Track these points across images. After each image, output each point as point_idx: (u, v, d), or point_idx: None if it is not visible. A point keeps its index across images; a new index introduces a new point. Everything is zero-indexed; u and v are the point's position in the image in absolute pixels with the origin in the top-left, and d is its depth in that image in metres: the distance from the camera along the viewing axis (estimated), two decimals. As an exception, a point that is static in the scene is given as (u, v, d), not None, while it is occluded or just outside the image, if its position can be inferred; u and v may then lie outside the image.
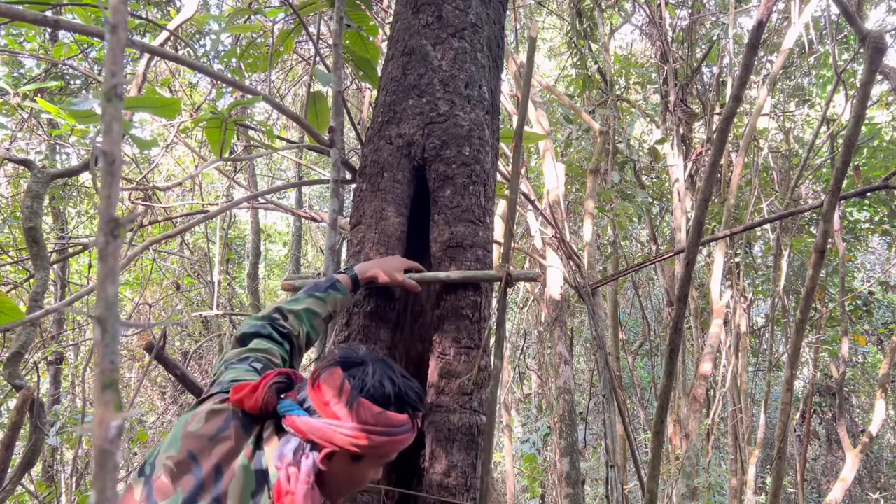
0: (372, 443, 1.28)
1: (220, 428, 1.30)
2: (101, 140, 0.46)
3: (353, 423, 1.27)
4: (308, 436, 1.28)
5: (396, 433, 1.31)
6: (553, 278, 4.82)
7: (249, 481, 1.25)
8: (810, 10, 5.31)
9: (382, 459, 1.35)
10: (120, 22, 0.48)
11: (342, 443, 1.27)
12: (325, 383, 1.31)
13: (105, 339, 0.44)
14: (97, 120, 2.01)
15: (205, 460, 1.25)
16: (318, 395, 1.31)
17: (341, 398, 1.29)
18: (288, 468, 1.26)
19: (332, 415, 1.29)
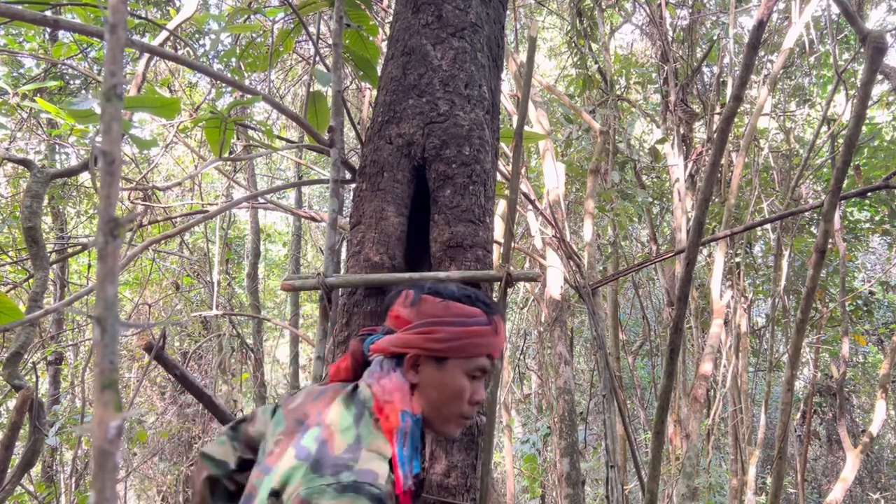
0: (445, 335, 1.25)
1: (322, 391, 1.33)
2: (100, 140, 0.46)
3: (424, 319, 1.26)
4: (388, 350, 1.27)
5: (469, 323, 1.27)
6: (553, 278, 4.82)
7: (350, 408, 1.25)
8: (811, 9, 5.30)
9: (471, 361, 1.28)
10: (119, 22, 0.48)
11: (417, 342, 1.25)
12: (395, 304, 1.32)
13: (104, 339, 0.44)
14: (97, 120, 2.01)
15: (311, 418, 1.26)
16: (389, 314, 1.32)
17: (406, 304, 1.29)
18: (380, 381, 1.26)
19: (403, 322, 1.28)
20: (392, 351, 1.27)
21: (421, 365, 1.27)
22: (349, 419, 1.22)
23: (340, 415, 1.23)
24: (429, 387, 1.27)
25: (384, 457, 1.17)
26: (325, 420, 1.23)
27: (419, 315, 1.27)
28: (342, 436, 1.19)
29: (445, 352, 1.25)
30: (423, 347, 1.25)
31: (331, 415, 1.24)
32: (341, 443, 1.17)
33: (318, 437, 1.19)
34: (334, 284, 2.04)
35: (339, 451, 1.16)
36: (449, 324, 1.26)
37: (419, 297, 1.29)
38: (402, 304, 1.31)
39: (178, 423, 8.47)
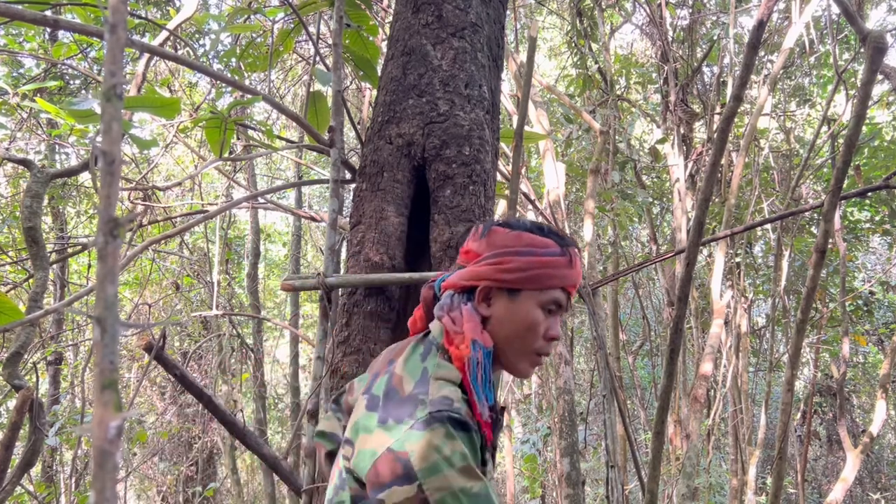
0: (516, 264, 1.20)
1: (398, 344, 1.35)
2: (100, 140, 0.46)
3: (494, 250, 1.23)
4: (458, 284, 1.25)
5: (541, 253, 1.22)
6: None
7: (418, 349, 1.24)
8: (811, 9, 5.30)
9: (545, 293, 1.23)
10: (119, 21, 0.48)
11: (487, 273, 1.21)
12: (466, 241, 1.31)
13: (104, 339, 0.44)
14: (97, 120, 2.01)
15: (382, 368, 1.27)
16: (461, 252, 1.30)
17: (476, 237, 1.27)
18: (450, 313, 1.23)
19: (473, 255, 1.26)
20: (462, 285, 1.24)
21: (493, 297, 1.23)
22: (416, 358, 1.21)
23: (408, 356, 1.23)
24: (501, 320, 1.23)
25: (453, 382, 1.15)
26: (394, 366, 1.22)
27: (489, 246, 1.23)
28: (409, 374, 1.18)
29: (517, 282, 1.21)
30: (494, 279, 1.21)
31: (399, 359, 1.23)
32: (409, 380, 1.17)
33: (387, 383, 1.19)
34: (334, 284, 2.04)
35: (409, 390, 1.15)
36: (520, 253, 1.21)
37: (489, 228, 1.26)
38: (472, 238, 1.28)
39: (178, 423, 8.47)
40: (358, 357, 1.96)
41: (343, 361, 1.98)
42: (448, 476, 1.03)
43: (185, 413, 8.49)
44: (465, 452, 1.05)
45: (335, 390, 1.98)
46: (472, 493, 1.03)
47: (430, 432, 1.05)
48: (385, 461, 1.06)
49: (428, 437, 1.05)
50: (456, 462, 1.04)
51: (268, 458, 2.32)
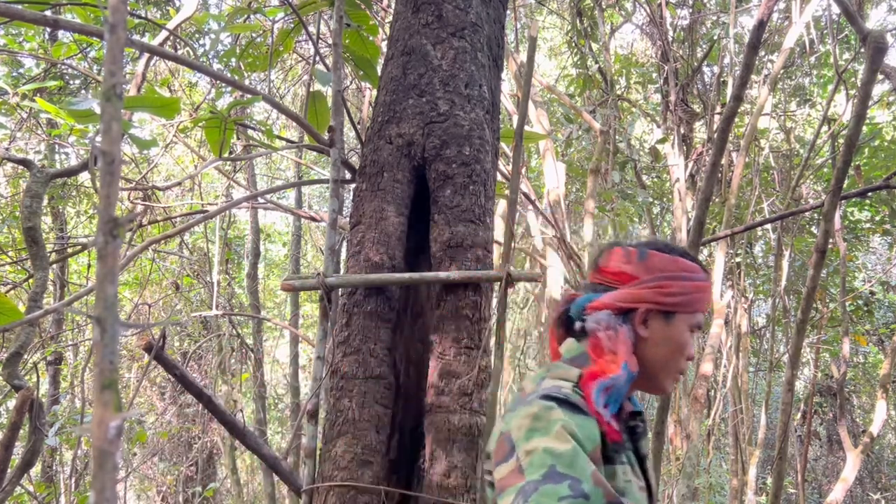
0: (676, 289, 1.26)
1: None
2: (100, 140, 0.46)
3: (654, 274, 1.27)
4: (616, 305, 1.27)
5: (695, 278, 1.29)
6: (553, 278, 4.82)
7: (544, 368, 1.29)
8: (811, 9, 5.30)
9: (694, 316, 1.29)
10: (119, 21, 0.48)
11: (649, 296, 1.25)
12: (609, 260, 1.32)
13: (104, 339, 0.44)
14: (96, 119, 2.01)
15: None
16: (608, 273, 1.32)
17: (632, 259, 1.30)
18: (606, 330, 1.25)
19: (628, 278, 1.29)
20: (621, 307, 1.26)
21: (649, 320, 1.27)
22: (542, 371, 1.27)
23: (535, 374, 1.28)
24: (657, 341, 1.27)
25: (566, 379, 1.20)
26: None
27: (648, 270, 1.27)
28: (532, 381, 1.24)
29: (675, 306, 1.26)
30: (656, 301, 1.25)
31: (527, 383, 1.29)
32: (530, 386, 1.23)
33: (514, 400, 1.23)
34: (334, 284, 2.04)
35: (528, 390, 1.21)
36: (678, 278, 1.27)
37: (647, 252, 1.29)
38: (624, 260, 1.30)
39: (177, 423, 8.47)
40: (358, 357, 1.96)
41: (343, 361, 1.98)
42: (537, 440, 1.06)
43: (184, 413, 8.49)
44: (564, 421, 1.08)
45: (335, 390, 1.98)
46: (556, 452, 1.04)
47: (532, 407, 1.10)
48: (498, 445, 1.12)
49: (526, 410, 1.10)
50: (550, 429, 1.07)
51: (268, 459, 2.32)
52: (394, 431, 2.07)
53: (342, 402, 1.93)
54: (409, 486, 2.02)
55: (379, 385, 1.95)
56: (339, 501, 1.83)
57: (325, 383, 2.03)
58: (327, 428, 1.96)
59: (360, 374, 1.94)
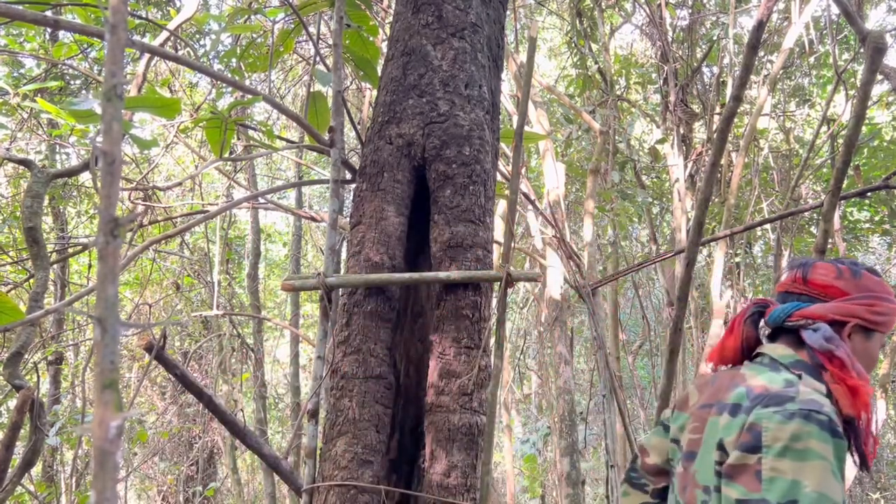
0: (884, 308, 1.36)
1: (714, 377, 1.45)
2: (101, 140, 0.46)
3: (865, 292, 1.36)
4: (829, 316, 1.35)
5: (894, 301, 1.39)
6: (553, 278, 4.82)
7: (761, 369, 1.35)
8: (810, 9, 5.30)
9: (883, 337, 1.40)
10: (120, 22, 0.48)
11: (860, 312, 1.34)
12: (818, 275, 1.40)
13: (105, 339, 0.44)
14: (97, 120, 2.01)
15: (723, 391, 1.37)
16: (815, 285, 1.40)
17: (844, 276, 1.38)
18: (831, 341, 1.32)
19: (840, 293, 1.37)
20: (833, 318, 1.34)
21: (853, 334, 1.36)
22: (769, 373, 1.33)
23: (755, 374, 1.34)
24: (857, 356, 1.35)
25: (821, 393, 1.27)
26: (748, 382, 1.32)
27: (860, 288, 1.36)
28: (773, 383, 1.29)
29: (878, 324, 1.36)
30: (865, 318, 1.34)
31: (752, 378, 1.33)
32: (775, 386, 1.27)
33: (747, 391, 1.29)
34: (334, 284, 2.04)
35: (777, 389, 1.25)
36: (885, 299, 1.37)
37: (861, 272, 1.38)
38: (835, 276, 1.38)
39: (178, 422, 8.47)
40: (358, 357, 1.97)
41: (343, 361, 1.98)
42: (789, 463, 1.12)
43: (185, 413, 8.49)
44: (823, 458, 1.12)
45: (335, 390, 1.98)
46: (803, 491, 1.09)
47: (793, 423, 1.15)
48: (743, 432, 1.20)
49: (789, 425, 1.15)
50: (806, 458, 1.12)
51: (268, 458, 2.32)
52: (394, 431, 2.07)
53: (342, 401, 1.93)
54: (409, 486, 2.02)
55: (379, 385, 1.96)
56: (339, 501, 1.83)
57: (325, 383, 2.03)
58: (327, 427, 1.96)
59: (361, 374, 1.94)
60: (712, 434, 1.30)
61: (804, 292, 1.40)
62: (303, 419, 2.13)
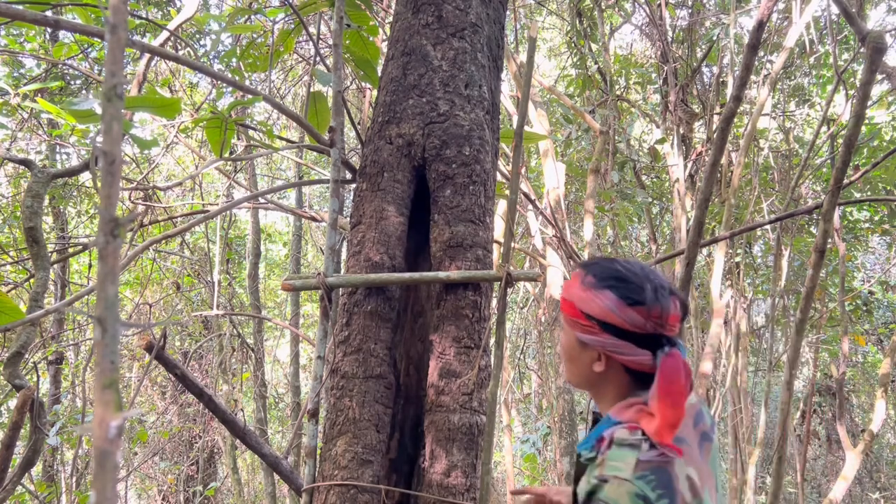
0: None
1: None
2: (101, 140, 0.47)
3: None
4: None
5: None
6: (553, 278, 4.82)
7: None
8: (811, 9, 5.30)
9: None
10: (120, 22, 0.49)
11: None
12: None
13: (105, 339, 0.44)
14: (97, 120, 2.01)
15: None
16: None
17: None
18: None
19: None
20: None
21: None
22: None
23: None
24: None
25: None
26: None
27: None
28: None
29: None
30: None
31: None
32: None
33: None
34: (335, 284, 2.04)
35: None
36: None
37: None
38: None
39: (178, 422, 8.47)
40: (358, 356, 1.97)
41: (343, 361, 1.98)
42: None
43: (185, 412, 8.49)
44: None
45: (336, 389, 1.98)
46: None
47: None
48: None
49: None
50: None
51: (268, 458, 2.33)
52: (394, 431, 2.07)
53: (342, 401, 1.94)
54: (410, 486, 2.02)
55: (379, 384, 1.96)
56: (339, 500, 1.83)
57: (325, 383, 2.03)
58: (328, 427, 1.96)
59: (361, 374, 1.94)
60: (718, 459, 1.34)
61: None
62: (303, 419, 2.13)
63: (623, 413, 1.29)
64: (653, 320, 1.28)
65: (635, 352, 1.30)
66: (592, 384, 1.38)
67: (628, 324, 1.29)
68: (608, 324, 1.30)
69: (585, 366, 1.37)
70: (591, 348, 1.34)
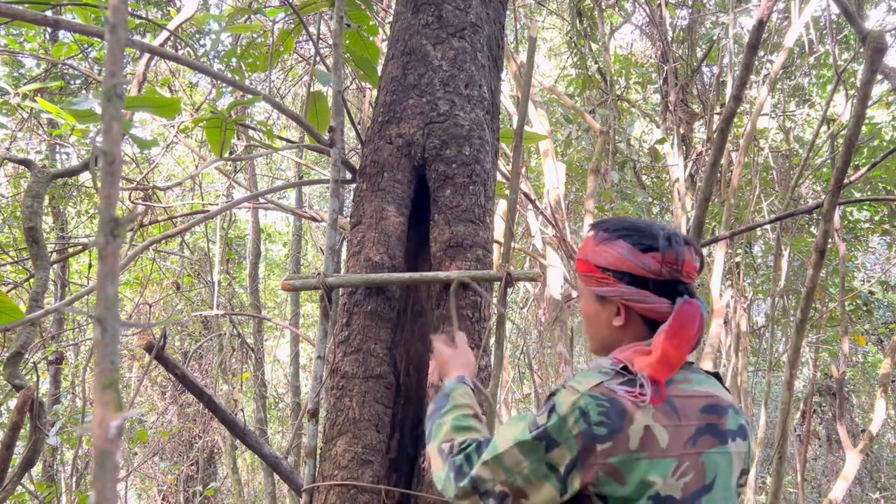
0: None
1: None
2: (101, 140, 0.46)
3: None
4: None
5: None
6: (553, 278, 4.82)
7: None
8: (810, 9, 5.30)
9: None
10: (120, 22, 0.48)
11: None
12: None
13: (105, 339, 0.44)
14: (97, 120, 2.01)
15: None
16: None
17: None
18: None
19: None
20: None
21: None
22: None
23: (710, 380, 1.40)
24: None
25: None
26: (724, 399, 1.39)
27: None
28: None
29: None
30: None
31: (720, 391, 1.37)
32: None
33: (735, 408, 1.35)
34: (335, 284, 2.04)
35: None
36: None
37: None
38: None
39: (178, 422, 8.47)
40: (358, 356, 1.97)
41: (343, 361, 1.98)
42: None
43: (185, 412, 8.49)
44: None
45: (336, 389, 1.98)
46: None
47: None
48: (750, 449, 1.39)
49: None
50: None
51: (268, 458, 2.33)
52: (394, 431, 2.07)
53: (342, 401, 1.93)
54: (410, 486, 2.02)
55: (379, 384, 1.96)
56: (339, 500, 1.83)
57: (325, 383, 2.03)
58: (328, 427, 1.96)
59: (361, 374, 1.94)
60: (733, 468, 1.26)
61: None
62: (303, 419, 2.13)
63: (621, 353, 1.26)
64: (668, 266, 1.25)
65: (653, 300, 1.26)
66: (614, 344, 1.33)
67: (643, 269, 1.26)
68: (623, 272, 1.27)
69: (606, 323, 1.32)
70: (610, 301, 1.31)
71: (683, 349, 1.22)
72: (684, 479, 1.18)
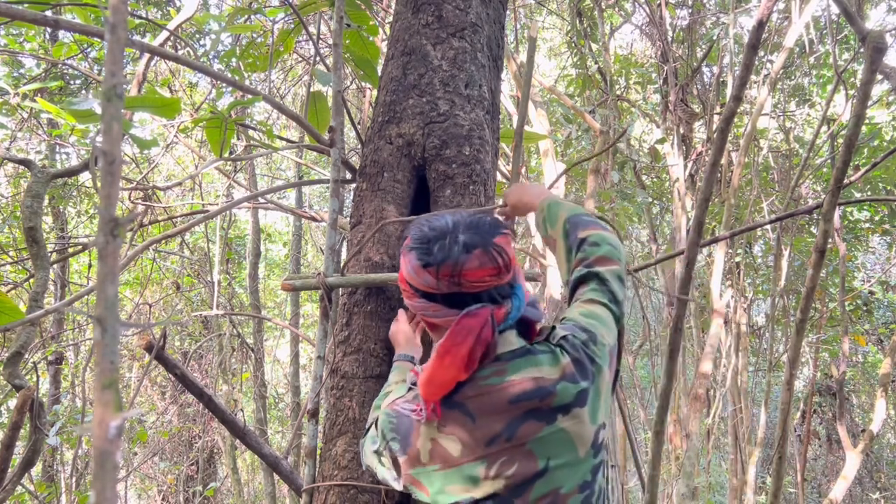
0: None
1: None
2: (100, 140, 0.46)
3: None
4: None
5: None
6: (553, 278, 4.82)
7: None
8: (811, 9, 5.30)
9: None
10: (120, 22, 0.48)
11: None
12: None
13: (105, 339, 0.44)
14: (97, 119, 2.01)
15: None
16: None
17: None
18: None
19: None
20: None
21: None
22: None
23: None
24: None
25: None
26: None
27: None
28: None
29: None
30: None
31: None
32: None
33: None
34: (334, 284, 2.04)
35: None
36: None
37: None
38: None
39: (178, 422, 8.47)
40: (358, 356, 1.97)
41: (343, 361, 1.98)
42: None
43: (185, 412, 8.49)
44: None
45: (336, 389, 1.98)
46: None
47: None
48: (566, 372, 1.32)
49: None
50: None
51: (268, 458, 2.33)
52: (394, 431, 2.07)
53: (342, 401, 1.94)
54: (409, 486, 2.02)
55: (379, 384, 1.95)
56: (339, 501, 1.83)
57: (325, 383, 2.03)
58: (328, 427, 1.96)
59: (361, 374, 1.94)
60: (574, 443, 1.22)
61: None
62: (303, 419, 2.13)
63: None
64: (444, 279, 1.21)
65: (444, 312, 1.23)
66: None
67: (425, 285, 1.24)
68: (414, 286, 1.26)
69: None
70: (413, 313, 1.35)
71: (455, 367, 1.18)
72: (507, 473, 1.17)
